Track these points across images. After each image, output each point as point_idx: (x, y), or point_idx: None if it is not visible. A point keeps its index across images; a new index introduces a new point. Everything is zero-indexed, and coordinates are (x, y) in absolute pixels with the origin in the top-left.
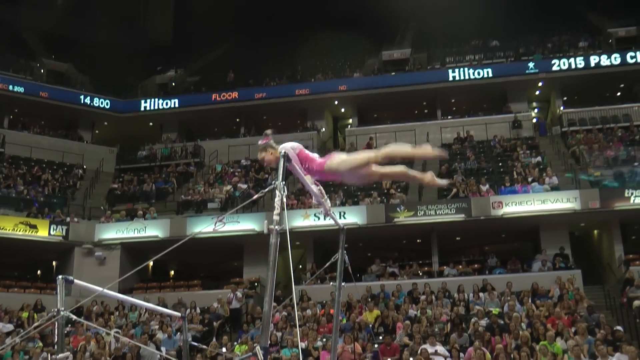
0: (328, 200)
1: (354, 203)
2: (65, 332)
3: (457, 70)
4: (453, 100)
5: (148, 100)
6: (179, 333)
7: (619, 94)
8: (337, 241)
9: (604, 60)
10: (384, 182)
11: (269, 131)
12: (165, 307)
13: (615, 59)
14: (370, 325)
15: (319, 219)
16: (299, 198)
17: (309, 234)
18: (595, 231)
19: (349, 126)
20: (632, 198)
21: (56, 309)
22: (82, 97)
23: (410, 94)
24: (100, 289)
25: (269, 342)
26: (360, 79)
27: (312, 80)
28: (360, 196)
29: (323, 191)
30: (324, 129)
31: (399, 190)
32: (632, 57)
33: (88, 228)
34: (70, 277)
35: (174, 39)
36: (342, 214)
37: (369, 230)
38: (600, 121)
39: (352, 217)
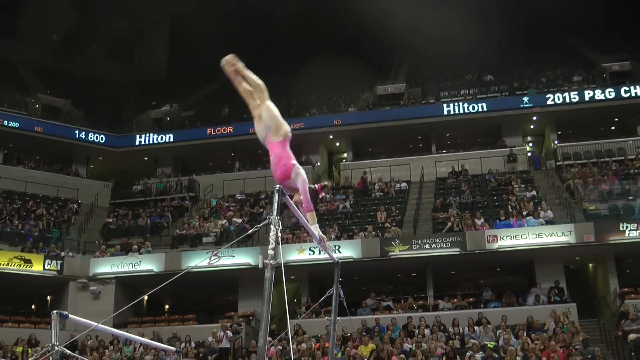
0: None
1: (349, 237)
2: None
3: (451, 104)
4: (448, 135)
5: (143, 135)
6: None
7: (613, 128)
8: (332, 275)
9: (598, 95)
10: (379, 215)
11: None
12: (160, 341)
13: (610, 93)
14: (365, 359)
15: (313, 252)
16: (294, 232)
17: (304, 268)
18: (590, 264)
19: (344, 160)
20: (627, 232)
21: (50, 344)
22: (77, 132)
23: (405, 128)
24: (94, 323)
25: None
26: (355, 114)
27: (307, 114)
28: (355, 230)
29: (324, 238)
30: (318, 163)
31: (394, 224)
32: (626, 92)
33: (83, 262)
34: (65, 312)
35: (168, 74)
36: (337, 247)
37: (364, 264)
38: (595, 155)
39: (347, 251)
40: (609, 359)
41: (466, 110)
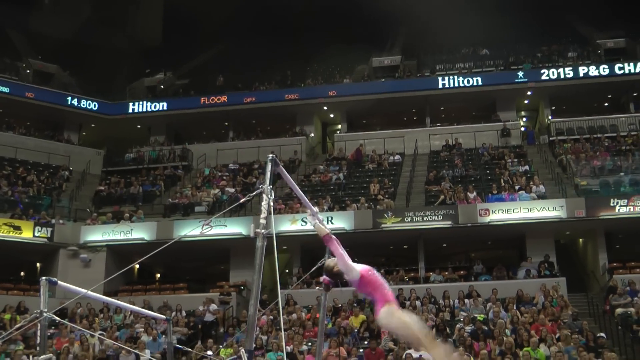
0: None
1: (342, 208)
2: (49, 334)
3: (446, 78)
4: (442, 108)
5: (136, 103)
6: (164, 336)
7: (606, 104)
8: (323, 246)
9: (593, 71)
10: (372, 187)
11: None
12: (151, 309)
13: (604, 69)
14: (356, 330)
15: (306, 223)
16: (287, 203)
17: (296, 239)
18: (581, 239)
19: (338, 132)
20: (617, 207)
21: (39, 311)
22: (69, 98)
23: (400, 101)
24: (84, 290)
25: (254, 345)
26: (350, 85)
27: (302, 85)
28: (348, 202)
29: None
30: (312, 134)
31: (386, 196)
32: (620, 69)
33: (73, 230)
34: (54, 279)
35: (163, 42)
36: (329, 219)
37: (356, 235)
38: (588, 131)
39: (340, 222)
40: (596, 333)
41: (461, 84)
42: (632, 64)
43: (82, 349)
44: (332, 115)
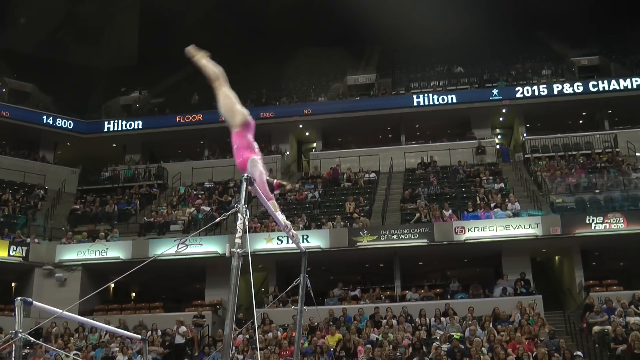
0: (292, 229)
1: (317, 227)
2: (24, 354)
3: (421, 96)
4: (417, 126)
5: (111, 122)
6: (139, 355)
7: (581, 121)
8: (300, 264)
9: (567, 89)
10: (348, 205)
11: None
12: (126, 329)
13: (578, 87)
14: (332, 349)
15: (281, 242)
16: (262, 221)
17: (272, 257)
18: (557, 257)
19: (313, 150)
20: (592, 225)
21: (14, 331)
22: (44, 117)
23: (375, 119)
24: (59, 310)
25: None
26: (325, 103)
27: (277, 103)
28: (324, 220)
29: (289, 225)
30: (288, 153)
31: (362, 214)
32: (594, 86)
33: (49, 249)
34: (29, 299)
35: (138, 60)
36: (305, 237)
37: (331, 253)
38: (563, 148)
39: (315, 240)
40: (573, 351)
41: (436, 102)
42: (606, 82)
43: None
44: (307, 133)
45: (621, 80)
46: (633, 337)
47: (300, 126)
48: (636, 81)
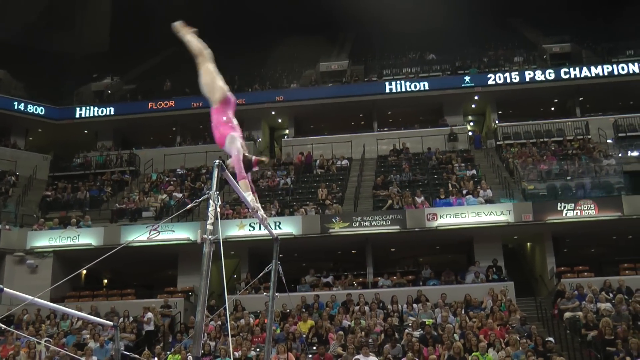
0: (261, 210)
1: (290, 213)
2: None
3: (394, 82)
4: (389, 112)
5: (83, 108)
6: (111, 342)
7: (552, 108)
8: (272, 251)
9: (539, 76)
10: (320, 192)
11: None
12: (98, 316)
13: (550, 74)
14: (304, 336)
15: (254, 228)
16: (234, 208)
17: (244, 244)
18: (528, 244)
19: (286, 137)
20: (564, 211)
21: None
22: (15, 103)
23: (347, 106)
24: (30, 297)
25: (202, 351)
26: (297, 90)
27: (249, 90)
28: (296, 206)
29: (256, 201)
30: (260, 139)
31: (334, 201)
32: (565, 73)
33: (20, 236)
34: (0, 286)
35: (110, 46)
36: (277, 224)
37: (304, 240)
38: (535, 135)
39: (288, 227)
40: (545, 337)
41: (408, 89)
42: (577, 69)
43: (29, 356)
44: (279, 120)
45: (592, 68)
46: (603, 323)
47: (273, 113)
48: (607, 68)
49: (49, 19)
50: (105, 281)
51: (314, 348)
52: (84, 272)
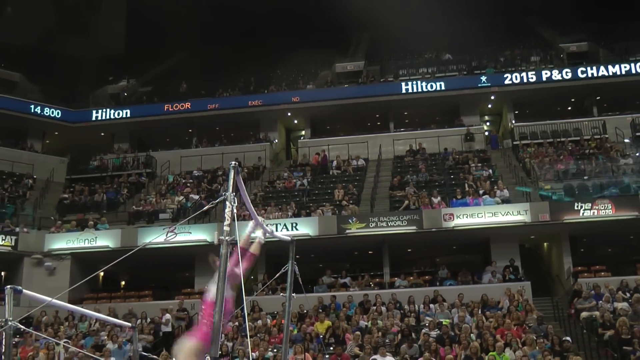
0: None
1: (307, 214)
2: (14, 342)
3: (410, 83)
4: (406, 113)
5: (99, 110)
6: (129, 343)
7: (569, 108)
8: (288, 252)
9: (556, 75)
10: (336, 193)
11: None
12: (116, 317)
13: (567, 73)
14: (321, 336)
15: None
16: None
17: (261, 245)
18: (545, 243)
19: (302, 138)
20: (581, 211)
21: (4, 319)
22: (32, 106)
23: (363, 106)
24: (49, 299)
25: (220, 352)
26: (313, 91)
27: (265, 91)
28: (312, 207)
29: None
30: (276, 141)
31: (351, 202)
32: (582, 72)
33: (38, 238)
34: (19, 287)
35: (126, 49)
36: (294, 225)
37: (320, 241)
38: (551, 135)
39: (304, 228)
40: (561, 336)
41: (424, 89)
42: (594, 68)
43: (47, 358)
44: (295, 121)
45: (610, 67)
46: (620, 323)
47: (289, 114)
48: (625, 67)
49: (64, 22)
50: (123, 283)
51: (331, 348)
52: (102, 274)
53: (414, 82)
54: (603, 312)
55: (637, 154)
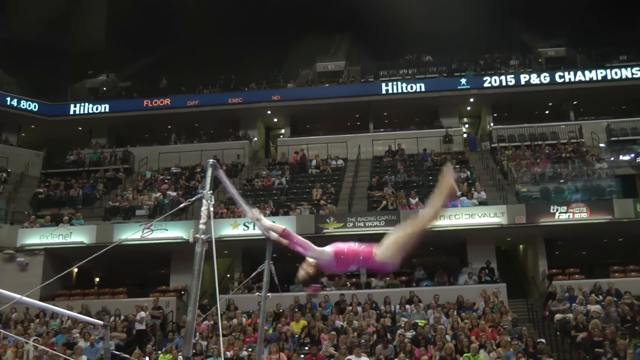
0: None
1: (285, 213)
2: None
3: (390, 83)
4: (385, 114)
5: (78, 105)
6: (101, 341)
7: (547, 112)
8: (264, 251)
9: (534, 79)
10: (315, 192)
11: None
12: (89, 315)
13: (545, 78)
14: (297, 336)
15: (248, 228)
16: (229, 207)
17: (238, 243)
18: (521, 246)
19: (282, 136)
20: (557, 214)
21: None
22: (8, 99)
23: (343, 106)
24: (18, 296)
25: (194, 351)
26: (293, 90)
27: (246, 89)
28: (291, 206)
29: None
30: (256, 139)
31: (329, 201)
32: (560, 77)
33: (10, 233)
34: None
35: (106, 43)
36: None
37: None
38: (529, 138)
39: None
40: (535, 338)
41: (404, 90)
42: (572, 73)
43: (16, 356)
44: (275, 120)
45: (587, 72)
46: (593, 325)
47: (269, 112)
48: (601, 73)
49: (43, 15)
50: (97, 280)
51: (306, 348)
52: (76, 270)
53: (394, 83)
54: (576, 315)
55: (612, 159)
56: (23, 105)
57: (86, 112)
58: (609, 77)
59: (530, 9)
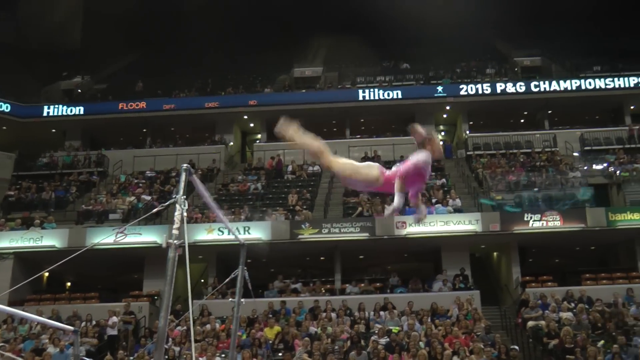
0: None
1: (260, 218)
2: None
3: (367, 90)
4: (362, 120)
5: (51, 106)
6: (72, 347)
7: (522, 120)
8: (238, 256)
9: (510, 88)
10: (290, 198)
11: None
12: (60, 320)
13: (520, 87)
14: (270, 342)
15: (222, 233)
16: (204, 212)
17: (212, 248)
18: (495, 253)
19: (258, 141)
20: (530, 222)
21: None
22: None
23: (320, 112)
24: None
25: (167, 357)
26: (270, 95)
27: (223, 93)
28: (266, 212)
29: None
30: (232, 143)
31: (304, 207)
32: (535, 86)
33: None
34: None
35: (81, 45)
36: (246, 229)
37: (273, 246)
38: (504, 146)
39: (257, 232)
40: (508, 345)
41: (381, 97)
42: (547, 82)
43: None
44: (252, 125)
45: (561, 82)
46: (564, 332)
47: (245, 117)
48: (575, 83)
49: (16, 14)
50: (68, 284)
51: (280, 354)
52: (46, 274)
53: (371, 90)
54: (549, 322)
55: (585, 168)
56: None
57: (60, 114)
58: (583, 87)
59: (506, 18)
